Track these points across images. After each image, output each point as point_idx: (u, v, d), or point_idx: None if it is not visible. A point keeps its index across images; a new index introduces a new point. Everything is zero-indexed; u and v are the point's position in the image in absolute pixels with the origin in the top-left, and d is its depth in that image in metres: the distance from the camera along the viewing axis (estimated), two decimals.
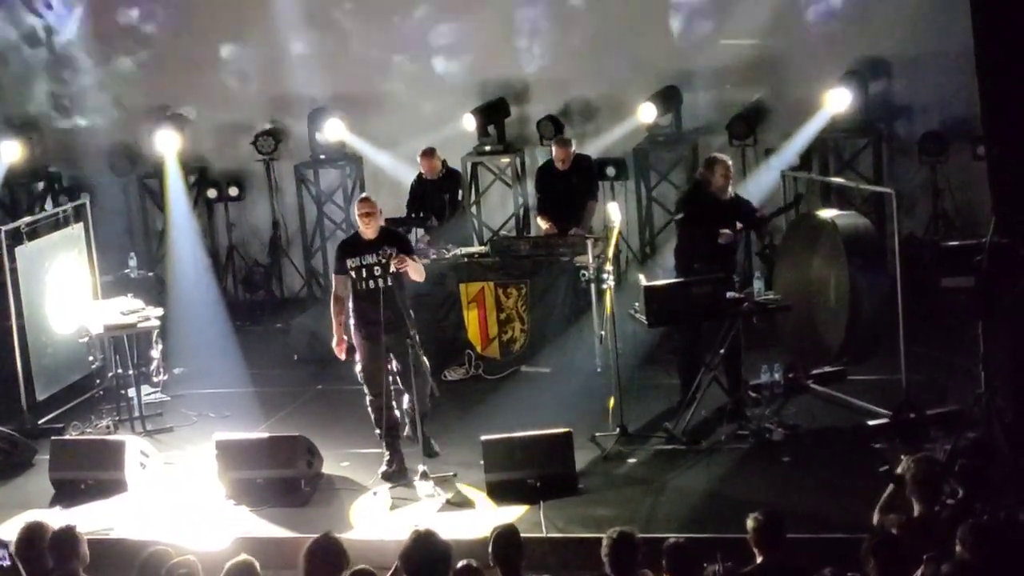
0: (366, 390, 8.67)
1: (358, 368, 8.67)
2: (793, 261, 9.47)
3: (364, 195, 8.93)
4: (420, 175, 11.25)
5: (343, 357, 8.68)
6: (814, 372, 9.49)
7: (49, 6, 13.32)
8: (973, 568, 5.29)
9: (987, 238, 7.74)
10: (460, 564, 5.47)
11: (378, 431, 8.65)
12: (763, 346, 9.48)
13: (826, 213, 9.59)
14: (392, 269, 8.36)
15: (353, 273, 8.53)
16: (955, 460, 6.96)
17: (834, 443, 8.53)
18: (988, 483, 6.53)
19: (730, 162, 9.27)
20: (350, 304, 8.63)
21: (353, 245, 8.70)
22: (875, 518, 6.11)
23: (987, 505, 6.06)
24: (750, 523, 5.79)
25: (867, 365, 9.31)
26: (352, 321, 8.63)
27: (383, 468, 8.59)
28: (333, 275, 8.86)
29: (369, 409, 8.69)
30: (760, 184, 11.59)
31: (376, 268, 8.44)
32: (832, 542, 6.74)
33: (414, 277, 8.60)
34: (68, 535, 6.17)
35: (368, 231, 8.55)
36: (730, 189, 9.20)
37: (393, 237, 8.67)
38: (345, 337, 8.64)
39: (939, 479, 6.12)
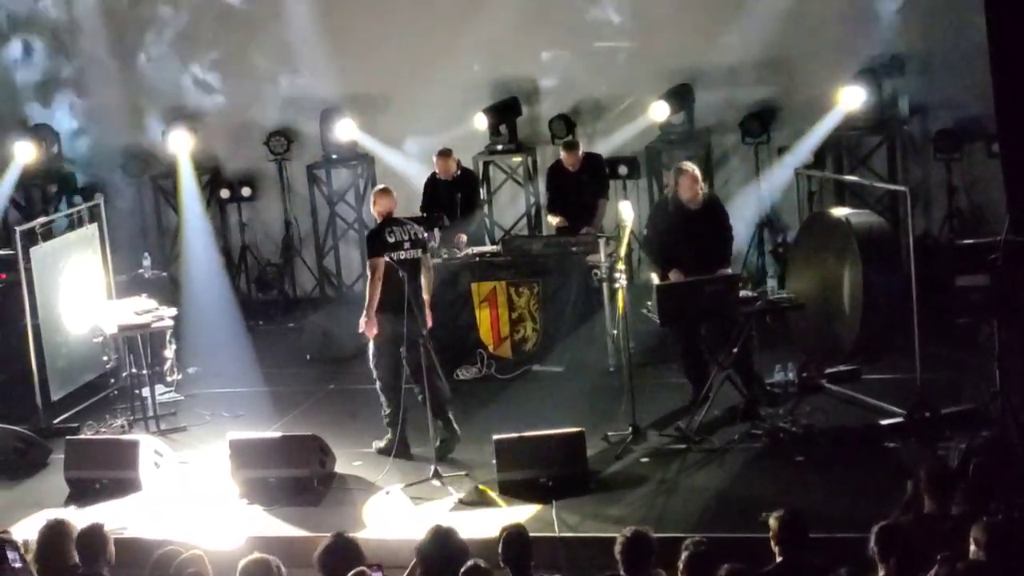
0: None
1: None
2: (807, 260, 9.44)
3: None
4: (434, 174, 11.25)
5: None
6: (828, 371, 9.46)
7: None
8: (987, 568, 5.27)
9: (1002, 236, 7.71)
10: (468, 564, 5.47)
11: None
12: (777, 345, 9.46)
13: (840, 211, 9.56)
14: None
15: None
16: (970, 459, 6.93)
17: (848, 442, 8.50)
18: (1002, 482, 6.50)
19: (696, 171, 9.10)
20: None
21: None
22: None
23: (1001, 504, 6.03)
24: (773, 522, 5.75)
25: (882, 364, 9.28)
26: None
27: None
28: None
29: None
30: (773, 182, 11.59)
31: None
32: (846, 542, 6.70)
33: None
34: (97, 534, 6.18)
35: None
36: (700, 195, 9.08)
37: None
38: None
39: (951, 477, 6.11)
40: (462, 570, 5.45)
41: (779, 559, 5.71)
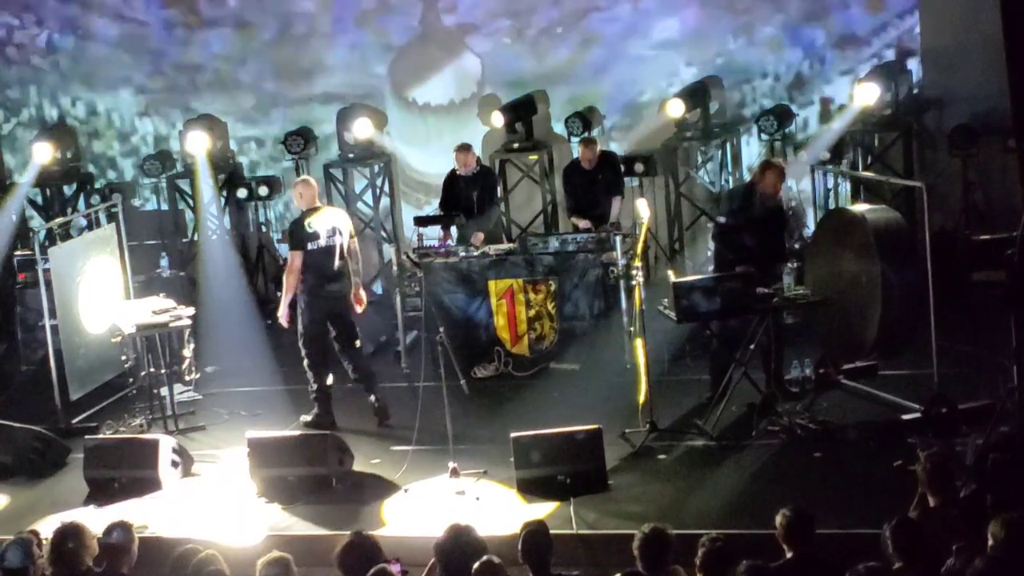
0: None
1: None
2: (824, 256, 9.42)
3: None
4: (454, 171, 11.27)
5: None
6: (845, 367, 9.45)
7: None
8: (1005, 563, 5.27)
9: (1018, 231, 7.68)
10: (481, 560, 5.48)
11: None
12: (794, 342, 9.45)
13: (857, 207, 9.54)
14: None
15: None
16: (987, 455, 6.92)
17: (865, 438, 8.49)
18: (1020, 477, 6.49)
19: (785, 168, 9.23)
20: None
21: None
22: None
23: (1019, 500, 6.02)
24: (779, 519, 5.79)
25: (899, 360, 9.27)
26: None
27: None
28: None
29: None
30: (790, 179, 11.55)
31: None
32: (864, 538, 6.70)
33: None
34: (123, 532, 6.20)
35: None
36: (780, 196, 9.18)
37: None
38: None
39: (948, 470, 6.13)
40: (475, 566, 5.46)
41: (788, 555, 5.73)
